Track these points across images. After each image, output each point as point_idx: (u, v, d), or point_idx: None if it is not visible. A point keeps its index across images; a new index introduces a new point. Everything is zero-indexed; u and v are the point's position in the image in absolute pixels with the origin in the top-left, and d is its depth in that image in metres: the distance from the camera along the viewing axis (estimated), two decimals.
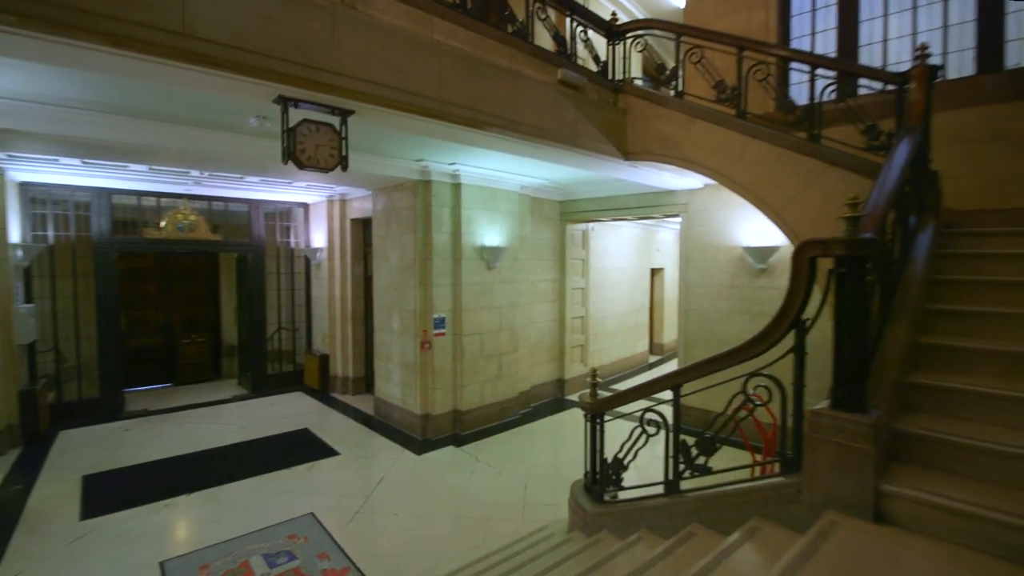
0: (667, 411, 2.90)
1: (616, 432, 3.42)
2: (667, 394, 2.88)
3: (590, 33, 4.85)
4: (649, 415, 2.98)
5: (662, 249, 11.38)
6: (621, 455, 3.11)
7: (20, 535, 3.99)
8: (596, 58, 4.95)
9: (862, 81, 4.56)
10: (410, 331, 6.27)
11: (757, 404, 2.50)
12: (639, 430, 3.01)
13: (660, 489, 2.91)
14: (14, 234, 5.96)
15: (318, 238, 8.46)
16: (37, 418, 6.05)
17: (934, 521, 1.94)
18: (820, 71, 4.22)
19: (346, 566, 3.68)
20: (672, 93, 4.90)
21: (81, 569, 3.56)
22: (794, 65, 4.55)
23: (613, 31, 5.03)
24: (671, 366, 10.48)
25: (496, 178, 6.36)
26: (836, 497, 2.12)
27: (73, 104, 3.63)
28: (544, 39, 4.55)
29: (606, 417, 3.32)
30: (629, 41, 5.08)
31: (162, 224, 7.34)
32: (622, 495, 3.23)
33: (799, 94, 5.08)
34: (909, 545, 1.92)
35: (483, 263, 6.43)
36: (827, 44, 5.62)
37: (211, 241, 7.74)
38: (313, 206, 8.65)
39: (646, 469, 3.68)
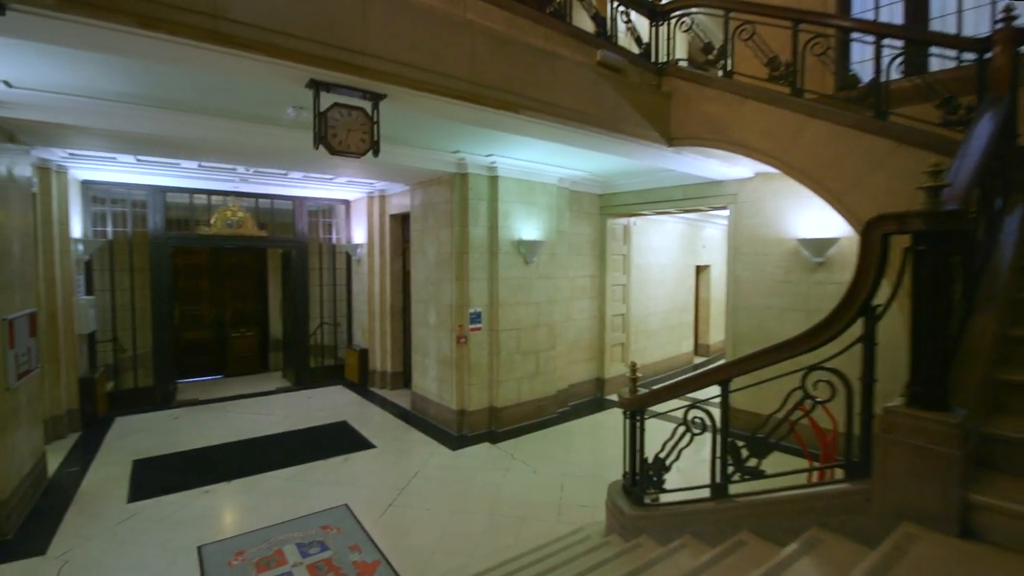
0: (714, 411, 2.67)
1: (657, 433, 3.20)
2: (711, 395, 2.65)
3: (632, 14, 4.63)
4: (694, 412, 2.75)
5: (708, 245, 10.92)
6: (663, 455, 2.89)
7: (72, 515, 4.16)
8: (638, 40, 4.72)
9: (934, 53, 4.15)
10: (446, 326, 6.21)
11: (818, 401, 2.24)
12: (682, 429, 2.79)
13: (706, 493, 2.68)
14: (76, 229, 6.29)
15: (359, 234, 8.56)
16: (95, 404, 6.37)
17: None
18: (887, 42, 3.84)
19: (377, 559, 3.63)
20: (720, 73, 4.61)
21: (124, 551, 3.66)
22: (856, 36, 4.18)
23: (656, 11, 4.79)
24: None
25: (533, 170, 6.22)
26: (913, 508, 1.85)
27: (119, 98, 3.76)
28: (583, 21, 4.37)
29: (646, 415, 3.10)
30: (673, 21, 4.82)
31: (212, 221, 7.61)
32: (664, 498, 3.01)
33: (862, 72, 4.68)
34: (1001, 565, 1.65)
35: (520, 257, 6.30)
36: (892, 18, 5.16)
37: (257, 237, 7.97)
38: (354, 203, 8.77)
39: (689, 472, 3.45)
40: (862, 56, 4.89)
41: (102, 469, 5.08)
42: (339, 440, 5.94)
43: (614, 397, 7.74)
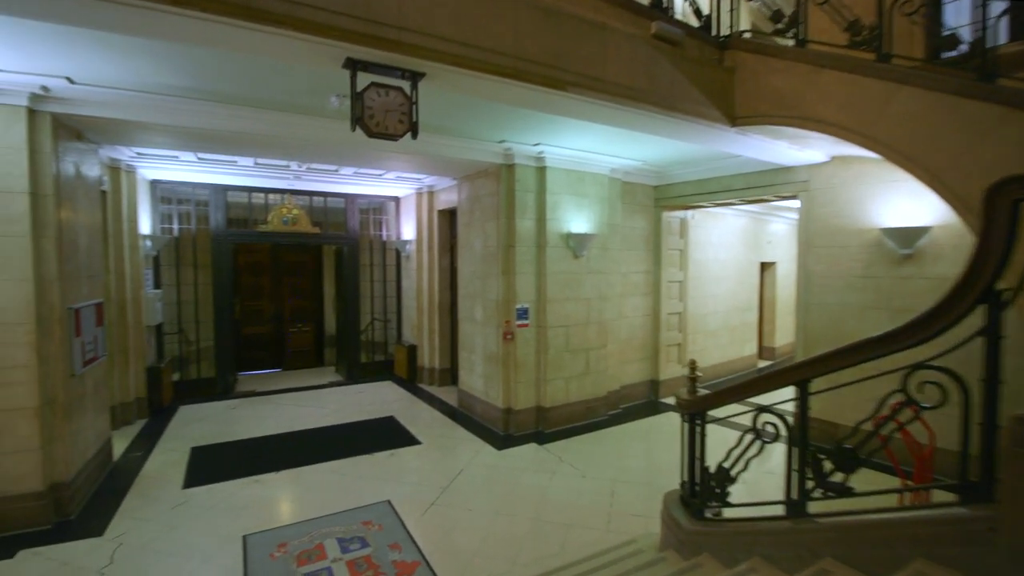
0: (783, 418, 2.32)
1: (718, 440, 2.87)
2: (782, 400, 2.30)
3: None
4: (764, 417, 2.41)
5: (774, 241, 10.18)
6: (727, 464, 2.56)
7: (131, 497, 4.30)
8: (697, 11, 4.35)
9: None
10: (492, 322, 6.04)
11: (925, 407, 1.86)
12: (750, 436, 2.45)
13: (779, 510, 2.33)
14: (144, 226, 6.63)
15: (408, 231, 8.58)
16: (161, 393, 6.68)
17: None
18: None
19: (417, 559, 3.49)
20: (792, 43, 4.16)
21: (175, 536, 3.72)
22: None
23: None
24: None
25: (583, 160, 5.94)
26: None
27: (171, 91, 3.84)
28: None
29: (707, 419, 2.77)
30: None
31: (269, 219, 7.85)
32: (728, 512, 2.68)
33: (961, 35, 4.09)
34: None
35: (569, 251, 6.03)
36: None
37: (311, 234, 8.15)
38: (403, 199, 8.80)
39: (755, 485, 3.07)
40: (957, 19, 4.29)
41: (162, 455, 5.28)
42: (386, 435, 5.91)
43: (670, 400, 7.30)
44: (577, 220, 6.06)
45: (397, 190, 8.42)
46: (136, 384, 6.33)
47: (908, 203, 4.81)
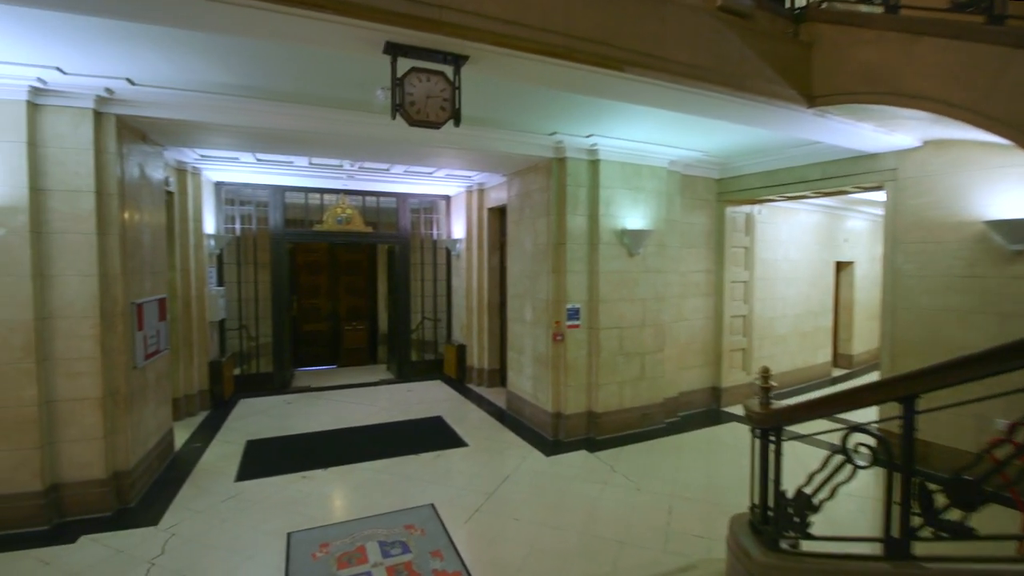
0: (879, 440, 1.95)
1: (795, 458, 2.51)
2: (867, 417, 1.93)
3: None
4: (856, 437, 2.04)
5: (851, 239, 9.33)
6: (809, 489, 2.21)
7: (187, 488, 4.42)
8: None
9: None
10: (542, 322, 5.82)
11: None
12: (839, 457, 2.09)
13: (875, 548, 1.96)
14: (209, 226, 6.91)
15: (458, 229, 8.51)
16: (222, 386, 6.93)
17: None
18: None
19: (458, 570, 3.32)
20: (881, 10, 3.67)
21: (223, 529, 3.75)
22: None
23: None
24: (866, 381, 8.47)
25: (640, 151, 5.60)
26: None
27: (225, 90, 3.90)
28: None
29: (784, 436, 2.42)
30: None
31: (324, 218, 8.01)
32: (807, 545, 2.32)
33: None
34: None
35: (624, 249, 5.71)
36: None
37: (364, 233, 8.26)
38: (454, 198, 8.75)
39: (834, 513, 2.68)
40: None
41: (219, 447, 5.43)
42: (432, 435, 5.82)
43: (732, 409, 6.79)
44: (632, 216, 5.73)
45: (447, 188, 8.37)
46: (199, 377, 6.59)
47: (1021, 192, 4.16)
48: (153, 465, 4.60)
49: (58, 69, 3.41)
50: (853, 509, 3.86)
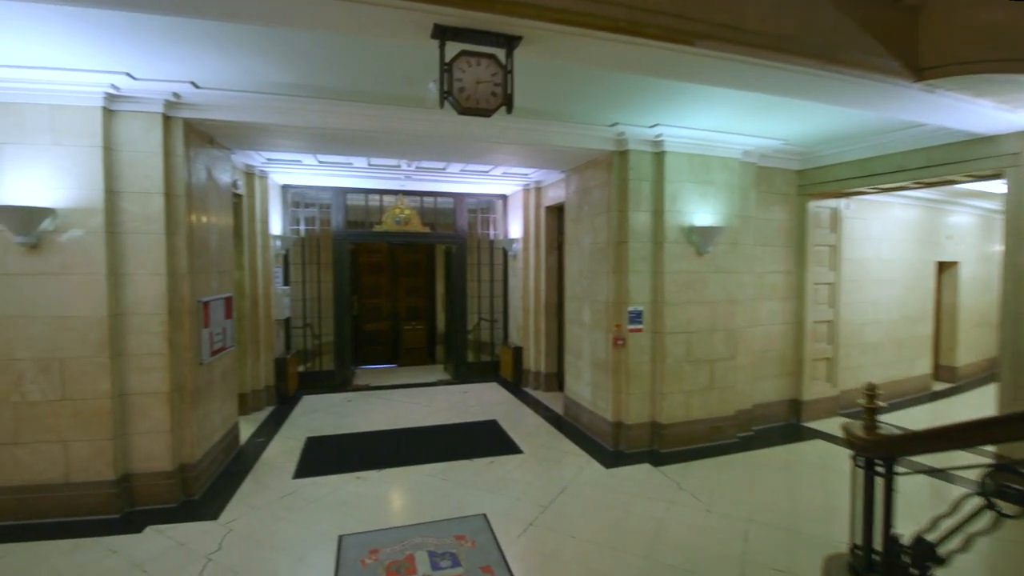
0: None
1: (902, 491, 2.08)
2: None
3: None
4: (995, 477, 1.63)
5: (956, 236, 8.26)
6: (933, 537, 1.80)
7: (248, 483, 4.50)
8: None
9: None
10: (602, 325, 5.50)
11: None
12: (977, 499, 1.68)
13: None
14: (275, 227, 7.14)
15: (515, 229, 8.34)
16: (287, 382, 7.14)
17: None
18: None
19: None
20: None
21: (278, 528, 3.76)
22: None
23: None
24: (975, 398, 7.48)
25: (710, 141, 5.16)
26: None
27: (283, 90, 3.94)
28: None
29: (897, 468, 2.01)
30: None
31: (383, 219, 8.10)
32: None
33: None
34: None
35: (691, 247, 5.28)
36: None
37: (422, 233, 8.28)
38: (511, 197, 8.59)
39: (967, 567, 2.21)
40: None
41: (281, 442, 5.55)
42: (487, 440, 5.66)
43: (815, 424, 6.15)
44: (701, 212, 5.29)
45: (504, 187, 8.22)
46: (266, 373, 6.81)
47: None
48: (219, 458, 4.73)
49: (128, 75, 3.54)
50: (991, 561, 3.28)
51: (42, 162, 3.62)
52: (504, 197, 8.74)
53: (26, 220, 3.52)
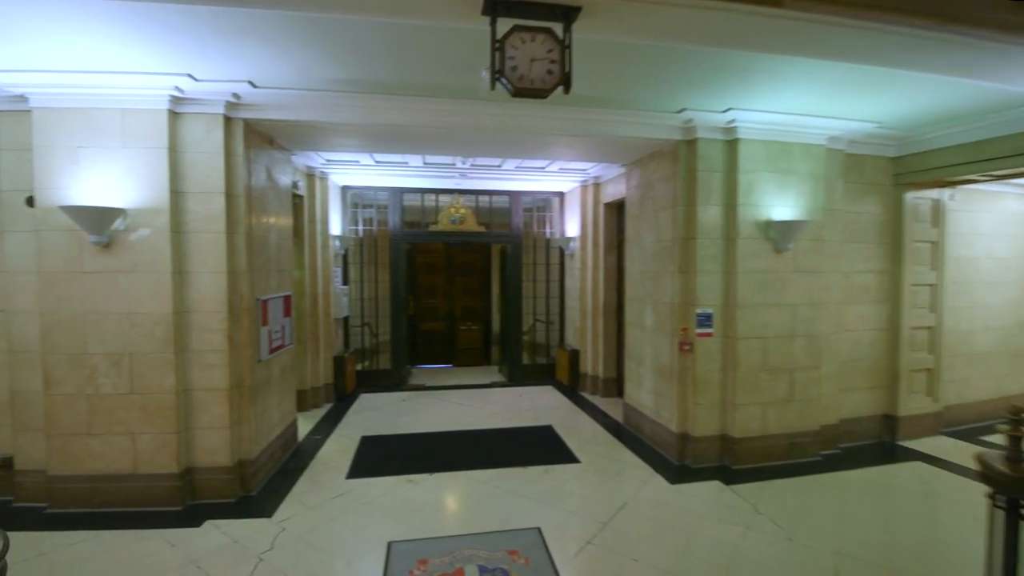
0: None
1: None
2: None
3: None
4: None
5: None
6: None
7: (303, 481, 4.51)
8: None
9: None
10: (666, 329, 5.12)
11: None
12: None
13: None
14: (335, 227, 7.25)
15: (572, 227, 8.04)
16: (345, 380, 7.23)
17: None
18: None
19: None
20: None
21: (328, 530, 3.70)
22: None
23: None
24: None
25: (791, 126, 4.65)
26: None
27: (336, 87, 3.90)
28: None
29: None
30: None
31: (438, 219, 8.06)
32: None
33: None
34: None
35: (769, 244, 4.79)
36: None
37: (477, 232, 8.17)
38: (568, 194, 8.30)
39: None
40: None
41: (337, 441, 5.57)
42: (542, 447, 5.42)
43: (914, 444, 5.44)
44: (780, 204, 4.78)
45: (561, 184, 7.95)
46: (324, 371, 6.92)
47: None
48: (276, 454, 4.79)
49: (190, 76, 3.60)
50: None
51: (113, 164, 3.76)
52: (561, 194, 8.46)
53: (100, 220, 3.66)
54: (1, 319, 3.96)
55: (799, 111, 4.49)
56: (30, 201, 3.79)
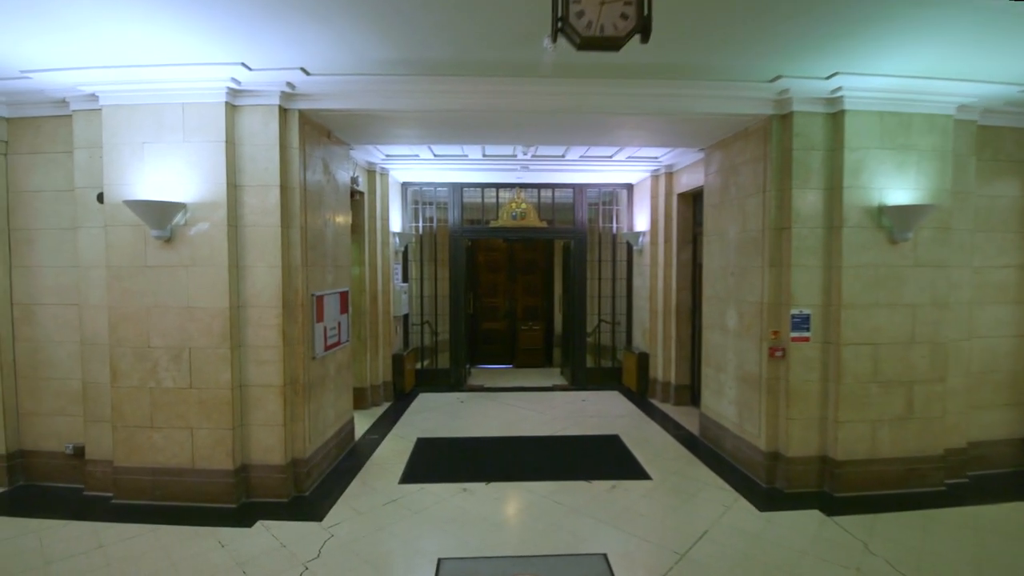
0: None
1: None
2: None
3: None
4: None
5: None
6: None
7: (355, 483, 4.35)
8: None
9: None
10: (753, 332, 4.50)
11: None
12: None
13: None
14: (395, 224, 7.16)
15: (641, 221, 7.48)
16: (404, 379, 7.12)
17: None
18: None
19: None
20: None
21: (376, 539, 3.48)
22: None
23: None
24: None
25: (911, 91, 3.90)
26: None
27: (389, 70, 3.70)
28: None
29: None
30: None
31: (499, 214, 7.78)
32: None
33: None
34: None
35: (882, 233, 4.07)
36: None
37: (538, 228, 7.81)
38: (636, 186, 7.74)
39: None
40: None
41: (393, 441, 5.42)
42: (608, 459, 4.96)
43: None
44: (897, 187, 4.05)
45: (629, 175, 7.41)
46: (384, 369, 6.84)
47: None
48: (332, 453, 4.68)
49: (244, 65, 3.51)
50: None
51: (175, 159, 3.75)
52: (629, 186, 7.91)
53: (162, 214, 3.66)
54: (76, 312, 4.09)
55: (922, 74, 3.74)
56: (100, 197, 3.87)
